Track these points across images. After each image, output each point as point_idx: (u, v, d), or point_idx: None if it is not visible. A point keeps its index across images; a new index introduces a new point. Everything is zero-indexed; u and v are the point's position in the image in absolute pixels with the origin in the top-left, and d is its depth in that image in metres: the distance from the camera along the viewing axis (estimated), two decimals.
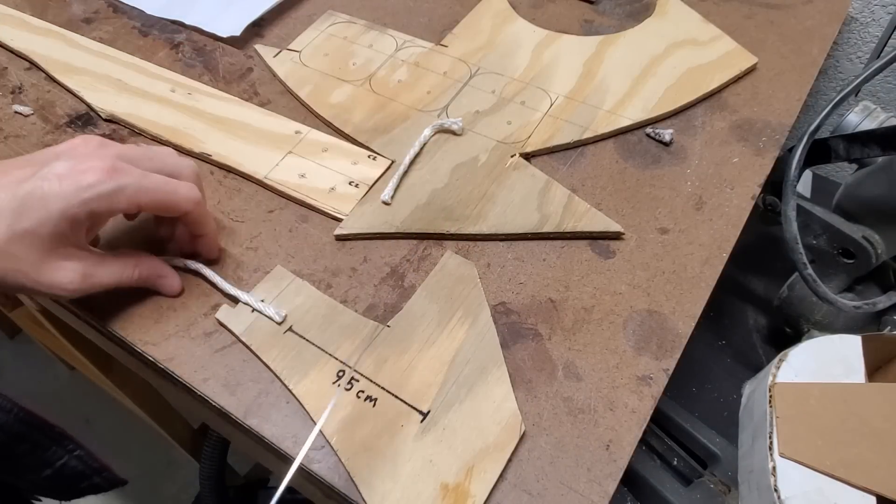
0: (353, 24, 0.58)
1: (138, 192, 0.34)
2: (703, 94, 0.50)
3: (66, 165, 0.33)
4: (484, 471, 0.33)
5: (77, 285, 0.35)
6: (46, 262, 0.33)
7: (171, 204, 0.36)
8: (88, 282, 0.35)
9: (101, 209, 0.34)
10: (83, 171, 0.33)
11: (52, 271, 0.34)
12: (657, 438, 0.44)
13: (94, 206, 0.33)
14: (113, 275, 0.37)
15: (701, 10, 0.56)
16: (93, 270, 0.35)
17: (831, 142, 0.44)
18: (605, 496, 0.33)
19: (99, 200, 0.33)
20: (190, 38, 0.58)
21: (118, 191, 0.33)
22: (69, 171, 0.33)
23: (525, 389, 0.36)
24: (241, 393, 0.37)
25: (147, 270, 0.39)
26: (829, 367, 0.37)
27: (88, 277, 0.35)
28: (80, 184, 0.33)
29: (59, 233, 0.33)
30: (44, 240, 0.33)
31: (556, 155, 0.48)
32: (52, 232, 0.33)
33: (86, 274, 0.35)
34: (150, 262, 0.39)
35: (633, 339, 0.38)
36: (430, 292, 0.40)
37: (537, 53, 0.54)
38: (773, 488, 0.33)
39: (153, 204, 0.35)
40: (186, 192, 0.37)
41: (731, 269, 0.41)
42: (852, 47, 0.64)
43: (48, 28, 0.58)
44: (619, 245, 0.43)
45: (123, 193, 0.34)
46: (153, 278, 0.39)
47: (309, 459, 0.34)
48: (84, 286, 0.35)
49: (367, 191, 0.45)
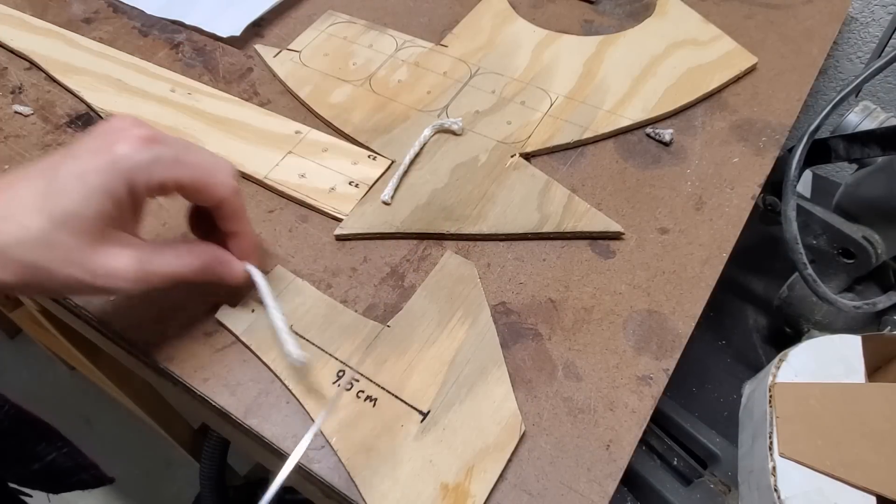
0: (353, 24, 0.58)
1: (176, 164, 0.31)
2: (703, 94, 0.50)
3: (97, 141, 0.31)
4: (484, 471, 0.33)
5: (134, 273, 0.31)
6: (97, 247, 0.30)
7: (208, 184, 0.33)
8: (146, 269, 0.32)
9: (140, 181, 0.31)
10: (116, 142, 0.30)
11: (106, 258, 0.30)
12: (657, 438, 0.44)
13: (132, 177, 0.30)
14: (172, 263, 0.33)
15: (701, 10, 0.56)
16: (150, 257, 0.32)
17: (831, 142, 0.44)
18: (605, 496, 0.33)
19: (137, 170, 0.30)
20: (190, 38, 0.58)
21: (155, 160, 0.31)
22: (102, 144, 0.30)
23: (525, 389, 0.36)
24: (241, 393, 0.37)
25: (208, 256, 0.35)
26: (829, 367, 0.37)
27: (146, 264, 0.32)
28: (116, 154, 0.30)
29: (103, 212, 0.30)
30: (89, 221, 0.30)
31: (556, 155, 0.48)
32: (97, 211, 0.30)
33: (142, 260, 0.32)
34: (208, 248, 0.35)
35: (633, 339, 0.38)
36: (430, 292, 0.40)
37: (537, 53, 0.54)
38: (773, 488, 0.33)
39: (191, 181, 0.32)
40: (224, 175, 0.34)
41: (731, 269, 0.41)
42: (852, 47, 0.64)
43: (48, 28, 0.58)
44: (619, 245, 0.43)
45: (161, 163, 0.31)
46: (214, 265, 0.35)
47: (309, 459, 0.34)
48: (142, 275, 0.32)
49: (367, 191, 0.45)
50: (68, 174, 0.30)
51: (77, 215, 0.29)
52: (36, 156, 0.49)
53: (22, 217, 0.29)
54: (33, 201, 0.29)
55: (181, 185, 0.32)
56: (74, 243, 0.30)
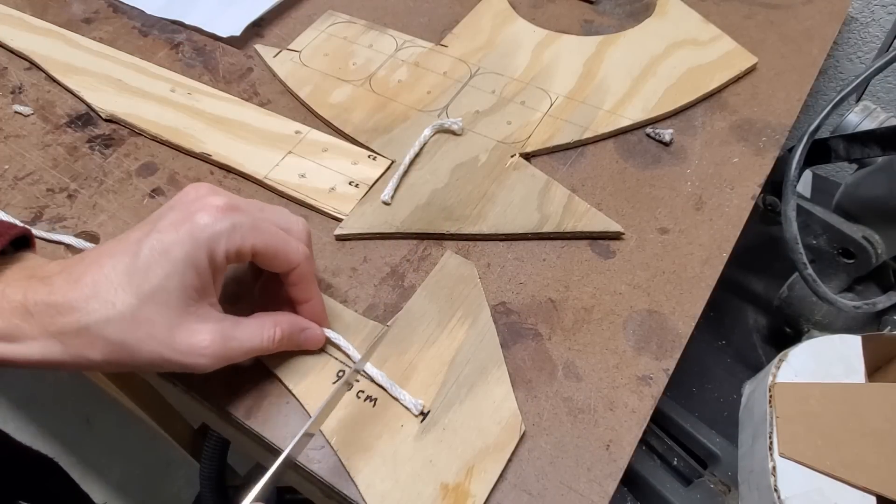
0: (353, 24, 0.58)
1: (253, 232, 0.32)
2: (703, 94, 0.50)
3: (178, 213, 0.31)
4: (484, 471, 0.33)
5: (215, 349, 0.31)
6: (181, 324, 0.31)
7: (282, 252, 0.33)
8: (228, 345, 0.32)
9: (220, 250, 0.31)
10: (196, 213, 0.31)
11: (188, 335, 0.31)
12: (657, 438, 0.44)
13: (213, 247, 0.31)
14: (254, 336, 0.33)
15: (701, 10, 0.56)
16: (231, 332, 0.32)
17: (831, 142, 0.44)
18: (605, 496, 0.33)
19: (217, 239, 0.31)
20: (190, 38, 0.58)
21: (233, 228, 0.31)
22: (183, 216, 0.31)
23: (525, 389, 0.36)
24: (241, 393, 0.37)
25: (288, 326, 0.35)
26: (829, 367, 0.37)
27: (228, 340, 0.32)
28: (197, 224, 0.31)
29: (187, 285, 0.30)
30: (173, 296, 0.30)
31: (556, 155, 0.48)
32: (181, 284, 0.30)
33: (225, 336, 0.32)
34: (288, 318, 0.35)
35: (633, 339, 0.38)
36: (430, 292, 0.40)
37: (537, 53, 0.54)
38: (773, 488, 0.33)
39: (265, 248, 0.32)
40: (297, 242, 0.34)
41: (731, 269, 0.41)
42: (852, 47, 0.64)
43: (48, 28, 0.58)
44: (619, 245, 0.43)
45: (239, 231, 0.31)
46: (296, 334, 0.35)
47: (309, 459, 0.34)
48: (223, 351, 0.32)
49: (367, 191, 0.45)
50: (152, 250, 0.30)
51: (163, 290, 0.30)
52: (36, 156, 0.49)
53: (109, 295, 0.30)
54: (119, 279, 0.30)
55: (257, 252, 0.32)
56: (159, 320, 0.30)
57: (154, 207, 0.45)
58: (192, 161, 0.48)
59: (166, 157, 0.49)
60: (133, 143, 0.50)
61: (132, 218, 0.45)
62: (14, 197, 0.46)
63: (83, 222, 0.44)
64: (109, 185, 0.47)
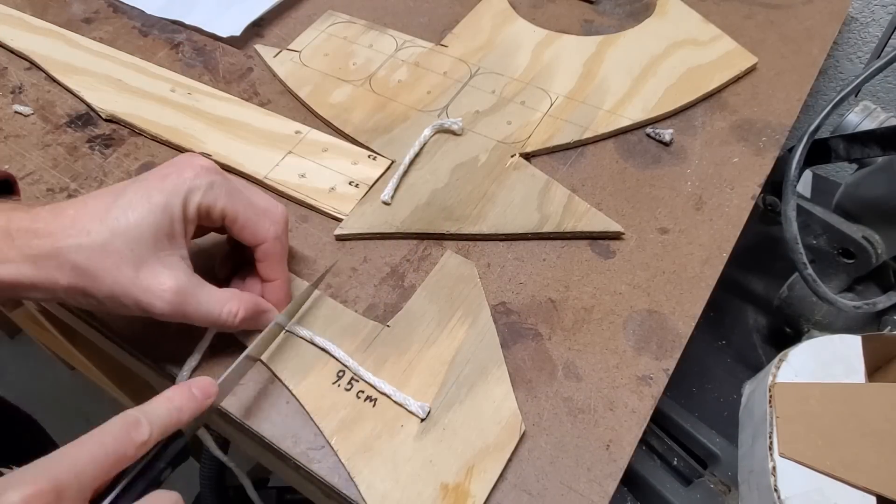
0: (353, 24, 0.58)
1: (228, 196, 0.34)
2: (703, 94, 0.50)
3: (166, 168, 0.34)
4: (484, 470, 0.33)
5: (173, 298, 0.32)
6: (147, 263, 0.32)
7: (254, 223, 0.35)
8: (187, 300, 0.33)
9: (193, 201, 0.33)
10: (182, 169, 0.34)
11: (152, 274, 0.32)
12: (657, 438, 0.44)
13: (188, 197, 0.33)
14: (214, 305, 0.34)
15: (701, 10, 0.56)
16: (194, 290, 0.33)
17: (831, 142, 0.44)
18: (605, 496, 0.33)
19: (193, 191, 0.33)
20: (190, 38, 0.58)
21: (211, 186, 0.34)
22: (169, 171, 0.34)
23: (525, 389, 0.36)
24: (241, 393, 0.37)
25: (252, 306, 0.35)
26: (829, 367, 0.37)
27: (188, 295, 0.33)
28: (180, 177, 0.33)
29: (159, 229, 0.32)
30: (145, 235, 0.32)
31: (556, 155, 0.48)
32: (154, 226, 0.32)
33: (187, 290, 0.33)
34: (251, 298, 0.36)
35: (633, 339, 0.38)
36: (430, 292, 0.40)
37: (537, 53, 0.54)
38: (773, 488, 0.33)
39: (236, 215, 0.34)
40: (272, 220, 0.36)
41: (731, 269, 0.41)
42: (852, 47, 0.64)
43: (48, 28, 0.58)
44: (619, 245, 0.43)
45: (215, 191, 0.34)
46: (257, 315, 0.36)
47: (309, 459, 0.34)
48: (181, 303, 0.33)
49: (367, 191, 0.45)
50: (133, 192, 0.33)
51: (136, 227, 0.32)
52: (36, 156, 0.49)
53: (85, 225, 0.32)
54: (99, 214, 0.32)
55: (228, 216, 0.35)
56: (128, 254, 0.32)
57: None
58: None
59: (166, 157, 0.48)
60: (133, 142, 0.50)
61: None
62: None
63: None
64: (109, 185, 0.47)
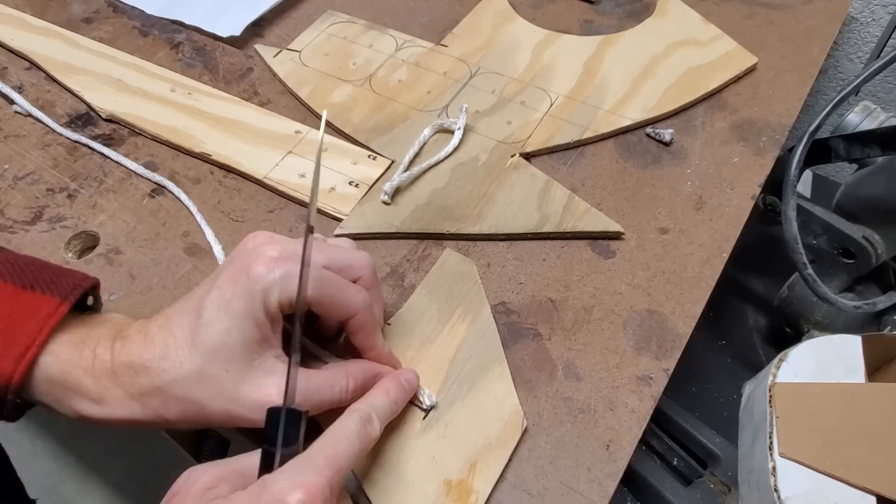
0: (353, 24, 0.58)
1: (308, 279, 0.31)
2: (703, 94, 0.50)
3: (235, 266, 0.31)
4: (487, 466, 0.33)
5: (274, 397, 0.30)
6: (246, 378, 0.30)
7: (339, 300, 0.32)
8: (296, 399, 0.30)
9: (273, 300, 0.30)
10: (251, 265, 0.31)
11: (254, 389, 0.30)
12: (657, 438, 0.44)
13: (266, 297, 0.30)
14: (324, 389, 0.31)
15: (701, 10, 0.56)
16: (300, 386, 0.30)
17: (831, 142, 0.44)
18: (605, 496, 0.33)
19: (270, 290, 0.30)
20: (190, 37, 0.58)
21: (286, 278, 0.30)
22: (239, 269, 0.31)
23: (525, 389, 0.36)
24: None
25: (361, 374, 0.33)
26: (829, 367, 0.37)
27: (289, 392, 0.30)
28: (251, 276, 0.30)
29: (248, 338, 0.30)
30: (236, 351, 0.30)
31: (556, 155, 0.48)
32: (242, 338, 0.30)
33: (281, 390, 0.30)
34: (360, 365, 0.34)
35: (633, 339, 0.38)
36: (431, 290, 0.40)
37: (537, 53, 0.54)
38: (773, 488, 0.33)
39: (322, 297, 0.31)
40: (356, 291, 0.33)
41: (731, 269, 0.41)
42: (852, 47, 0.64)
43: (48, 28, 0.58)
44: (619, 245, 0.43)
45: (292, 280, 0.30)
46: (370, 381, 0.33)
47: None
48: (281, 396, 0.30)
49: (367, 191, 0.45)
50: (212, 306, 0.30)
51: (225, 346, 0.30)
52: (36, 155, 0.49)
53: (176, 355, 0.30)
54: (185, 338, 0.30)
55: (311, 301, 0.31)
56: (225, 376, 0.30)
57: (154, 207, 0.45)
58: (192, 161, 0.48)
59: (166, 156, 0.48)
60: (133, 142, 0.50)
61: (132, 218, 0.45)
62: (14, 197, 0.46)
63: (83, 222, 0.44)
64: (109, 185, 0.47)
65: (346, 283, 0.33)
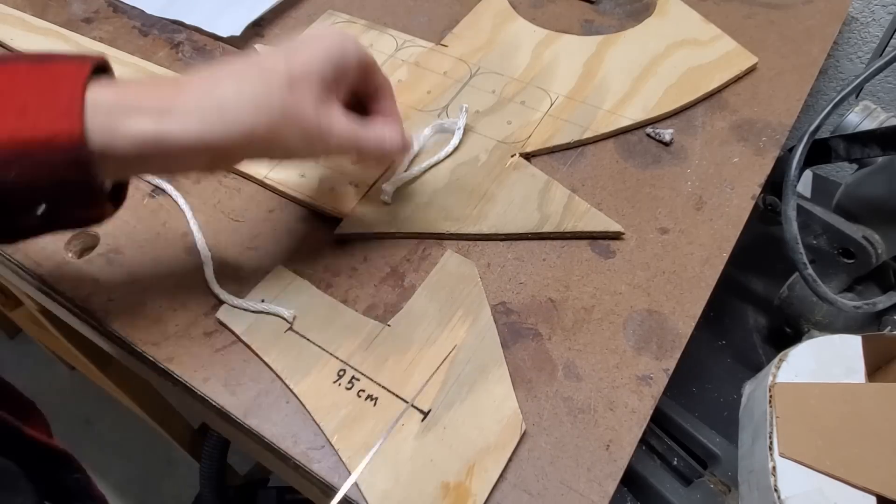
0: (353, 24, 0.58)
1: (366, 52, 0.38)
2: (703, 94, 0.50)
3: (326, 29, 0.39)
4: (485, 469, 0.33)
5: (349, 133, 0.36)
6: (324, 103, 0.35)
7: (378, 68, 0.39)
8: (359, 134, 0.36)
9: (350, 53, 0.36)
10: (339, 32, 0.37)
11: (330, 114, 0.35)
12: (657, 438, 0.44)
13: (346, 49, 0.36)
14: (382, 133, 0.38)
15: (701, 10, 0.56)
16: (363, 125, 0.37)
17: (831, 142, 0.44)
18: (605, 496, 0.33)
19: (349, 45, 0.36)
20: (190, 37, 0.58)
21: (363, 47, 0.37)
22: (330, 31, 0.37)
23: (525, 389, 0.36)
24: (241, 393, 0.37)
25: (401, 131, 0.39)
26: (829, 367, 0.37)
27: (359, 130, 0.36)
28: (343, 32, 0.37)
29: (327, 73, 0.35)
30: (315, 79, 0.34)
31: (557, 155, 0.48)
32: (323, 69, 0.34)
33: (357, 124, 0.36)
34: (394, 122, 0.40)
35: (633, 339, 0.38)
36: (431, 291, 0.40)
37: (537, 53, 0.54)
38: (773, 488, 0.33)
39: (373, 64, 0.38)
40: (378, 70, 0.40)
41: (731, 269, 0.41)
42: (853, 47, 0.64)
43: (48, 28, 0.58)
44: (619, 245, 0.43)
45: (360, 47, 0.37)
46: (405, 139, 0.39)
47: (309, 459, 0.34)
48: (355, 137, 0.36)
49: (367, 191, 0.45)
50: (304, 42, 0.36)
51: (311, 70, 0.34)
52: None
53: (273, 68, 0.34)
54: (279, 58, 0.34)
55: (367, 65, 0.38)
56: (307, 91, 0.34)
57: (154, 207, 0.45)
58: None
59: None
60: None
61: (132, 218, 0.45)
62: None
63: None
64: None
65: None
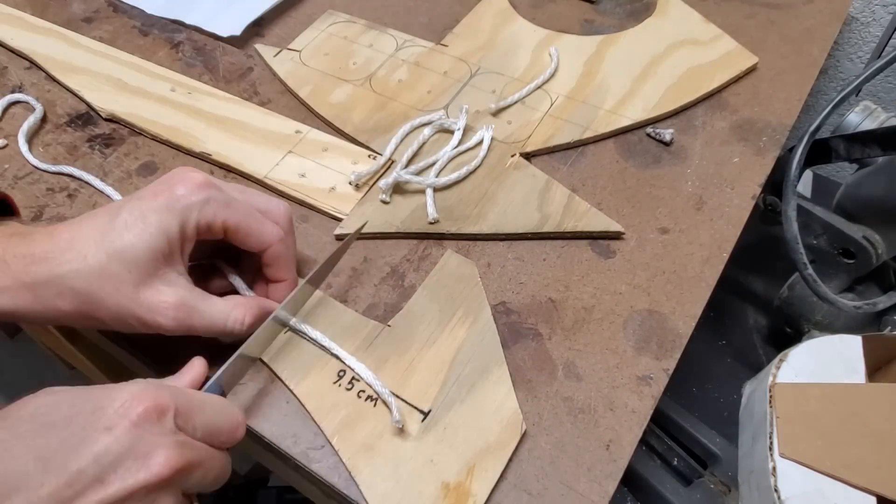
0: (353, 24, 0.58)
1: (226, 208, 0.34)
2: (703, 94, 0.50)
3: (160, 185, 0.33)
4: (485, 470, 0.33)
5: (178, 313, 0.32)
6: (147, 282, 0.32)
7: (255, 231, 0.35)
8: (191, 314, 0.33)
9: (191, 220, 0.33)
10: (175, 185, 0.33)
11: (153, 293, 0.32)
12: (657, 438, 0.44)
13: (185, 216, 0.32)
14: (219, 315, 0.34)
15: (701, 9, 0.56)
16: (197, 304, 0.33)
17: (832, 142, 0.44)
18: (605, 496, 0.33)
19: (190, 210, 0.33)
20: (190, 37, 0.58)
21: (207, 202, 0.33)
22: (163, 188, 0.33)
23: (525, 389, 0.36)
24: (242, 392, 0.37)
25: (258, 310, 0.35)
26: (829, 367, 0.37)
27: (192, 309, 0.33)
28: (174, 195, 0.33)
29: (156, 249, 0.32)
30: (142, 256, 0.32)
31: (557, 155, 0.48)
32: (150, 247, 0.32)
33: (189, 304, 0.33)
34: (258, 303, 0.36)
35: (634, 339, 0.38)
36: (431, 292, 0.40)
37: (538, 53, 0.54)
38: (773, 488, 0.33)
39: (238, 225, 0.34)
40: (272, 226, 0.35)
41: (731, 269, 0.41)
42: (853, 47, 0.64)
43: (48, 27, 0.58)
44: (619, 245, 0.43)
45: (212, 205, 0.33)
46: (264, 318, 0.35)
47: (309, 459, 0.34)
48: (185, 317, 0.33)
49: (368, 191, 0.45)
50: (130, 213, 0.32)
51: (132, 248, 0.32)
52: (36, 155, 0.49)
53: (82, 249, 0.32)
54: (94, 236, 0.32)
55: (229, 228, 0.34)
56: (126, 276, 0.32)
57: None
58: (192, 160, 0.48)
59: (166, 156, 0.49)
60: (133, 142, 0.50)
61: None
62: (14, 196, 0.46)
63: None
64: (109, 185, 0.47)
65: (262, 217, 0.35)
